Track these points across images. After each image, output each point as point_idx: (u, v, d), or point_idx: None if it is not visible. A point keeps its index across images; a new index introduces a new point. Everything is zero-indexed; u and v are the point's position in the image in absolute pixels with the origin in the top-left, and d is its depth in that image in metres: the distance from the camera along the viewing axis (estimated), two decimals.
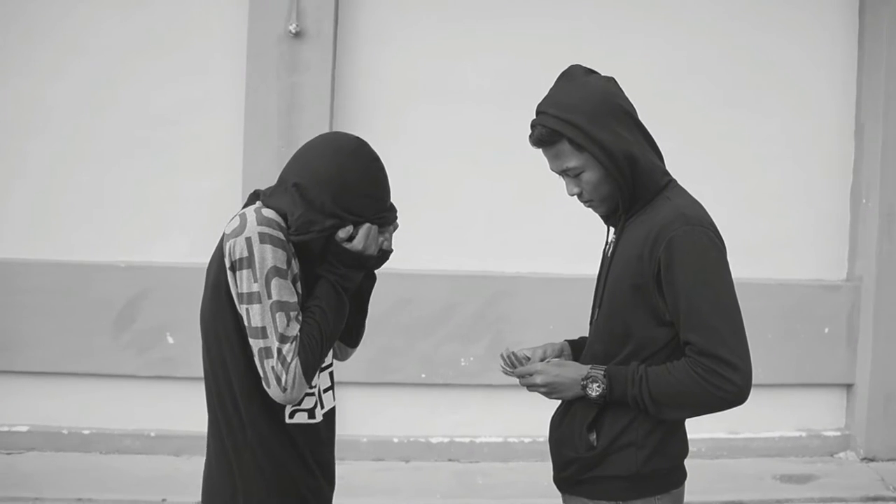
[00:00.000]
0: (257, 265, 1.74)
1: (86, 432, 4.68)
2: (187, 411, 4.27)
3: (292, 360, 1.72)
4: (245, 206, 1.88)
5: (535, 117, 1.88)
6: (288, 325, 1.74)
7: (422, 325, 4.77)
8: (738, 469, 4.74)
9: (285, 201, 1.81)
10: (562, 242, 4.78)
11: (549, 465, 2.00)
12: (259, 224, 1.76)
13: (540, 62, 4.14)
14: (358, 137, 1.91)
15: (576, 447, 1.89)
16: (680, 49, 4.92)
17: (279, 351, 1.72)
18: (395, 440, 4.77)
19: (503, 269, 4.87)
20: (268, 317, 1.73)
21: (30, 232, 4.72)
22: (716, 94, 4.96)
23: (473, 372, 4.75)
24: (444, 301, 4.79)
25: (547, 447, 2.02)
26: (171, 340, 4.60)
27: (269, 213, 1.80)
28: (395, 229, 1.95)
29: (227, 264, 1.78)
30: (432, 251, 4.85)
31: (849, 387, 5.08)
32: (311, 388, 1.86)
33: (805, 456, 4.96)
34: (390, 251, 1.95)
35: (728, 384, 1.77)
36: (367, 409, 4.78)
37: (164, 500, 3.98)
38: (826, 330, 5.00)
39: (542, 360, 1.95)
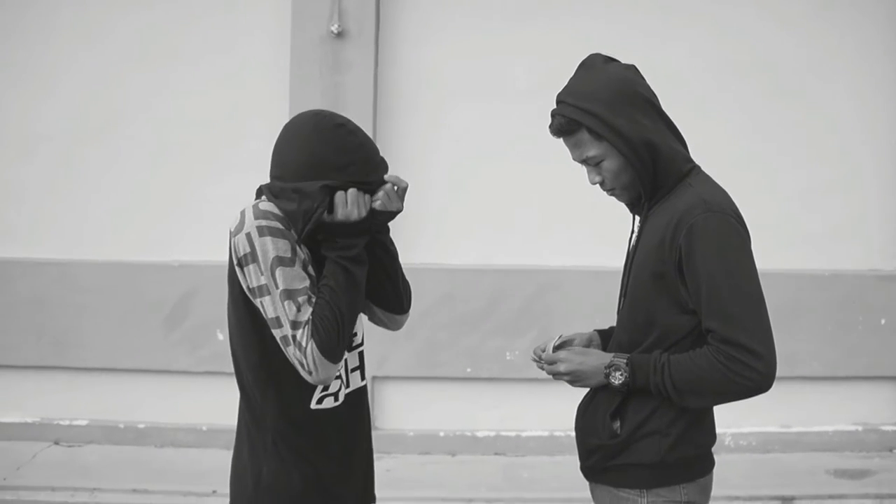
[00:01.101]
0: (260, 258, 1.77)
1: (141, 426, 4.83)
2: (237, 406, 4.38)
3: (307, 343, 1.74)
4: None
5: (554, 107, 1.88)
6: (299, 310, 1.76)
7: (467, 319, 4.79)
8: (791, 463, 4.64)
9: (292, 206, 1.81)
10: (607, 235, 4.73)
11: None
12: (256, 218, 1.79)
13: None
14: (315, 112, 1.88)
15: (599, 435, 1.88)
16: (731, 43, 4.84)
17: (294, 337, 1.75)
18: (441, 434, 4.80)
19: (548, 263, 4.86)
20: (279, 306, 1.76)
21: (85, 234, 4.88)
22: (767, 84, 4.86)
23: (519, 366, 4.75)
24: (490, 295, 4.80)
25: None
26: (220, 337, 4.70)
27: (265, 205, 1.83)
28: (401, 190, 1.89)
29: (234, 261, 1.82)
30: (477, 246, 4.86)
31: None
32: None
33: (861, 451, 4.84)
34: (395, 211, 1.88)
35: (750, 372, 1.74)
36: (413, 403, 4.82)
37: (214, 491, 4.08)
38: (883, 321, 4.86)
39: (566, 348, 1.95)
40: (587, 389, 1.96)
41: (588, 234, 4.82)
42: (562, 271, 4.82)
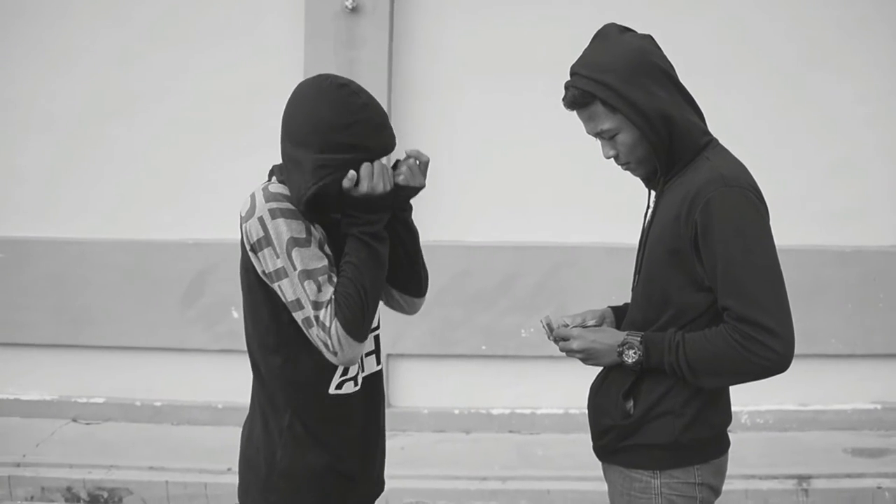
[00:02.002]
0: (275, 241, 1.73)
1: (157, 404, 4.86)
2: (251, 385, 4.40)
3: (331, 323, 1.71)
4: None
5: (568, 79, 1.84)
6: (319, 290, 1.72)
7: (483, 296, 4.77)
8: (808, 442, 4.60)
9: (291, 177, 1.78)
10: (623, 211, 4.67)
11: None
12: (267, 201, 1.76)
13: None
14: (318, 75, 1.84)
15: (612, 415, 1.85)
16: (761, 10, 4.74)
17: (317, 318, 1.71)
18: (456, 412, 4.79)
19: (564, 240, 4.82)
20: (298, 288, 1.72)
21: (102, 212, 4.88)
22: (793, 55, 4.75)
23: (534, 343, 4.72)
24: (506, 272, 4.77)
25: None
26: (235, 315, 4.71)
27: (275, 187, 1.79)
28: (423, 164, 1.86)
29: (248, 247, 1.78)
30: (493, 223, 4.83)
31: None
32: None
33: (880, 429, 4.79)
34: (419, 186, 1.86)
35: (768, 351, 1.70)
36: (427, 380, 4.82)
37: (229, 469, 4.10)
38: None
39: (580, 326, 1.93)
40: (586, 365, 1.93)
41: (604, 210, 4.77)
42: (578, 248, 4.78)
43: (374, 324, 1.94)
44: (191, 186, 4.86)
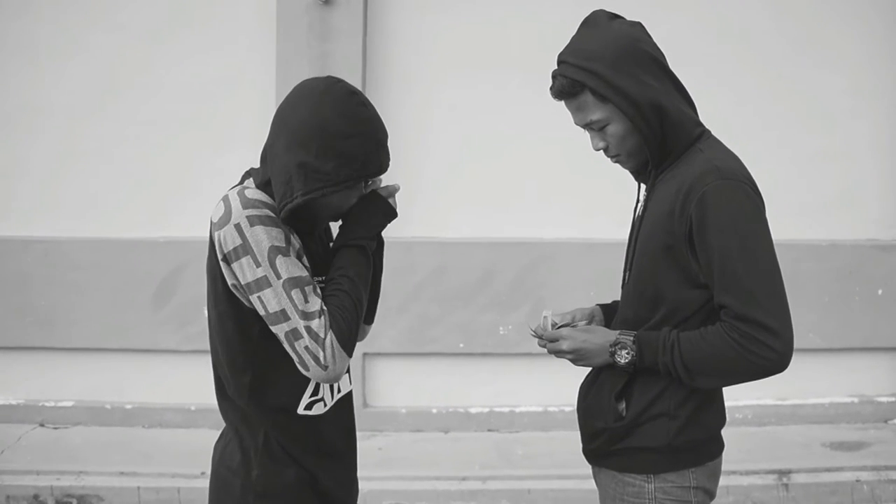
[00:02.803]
0: (255, 250, 1.62)
1: (128, 407, 4.74)
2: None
3: (325, 335, 1.61)
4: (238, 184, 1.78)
5: (555, 67, 1.77)
6: (307, 300, 1.62)
7: (460, 293, 4.71)
8: (786, 436, 4.61)
9: (277, 178, 1.67)
10: (602, 207, 4.66)
11: None
12: (245, 207, 1.64)
13: None
14: (329, 77, 1.74)
15: (604, 417, 1.79)
16: (718, 14, 4.73)
17: (308, 329, 1.61)
18: (434, 411, 4.73)
19: (543, 235, 4.78)
20: (283, 298, 1.61)
21: (70, 211, 4.76)
22: (757, 54, 4.74)
23: (513, 341, 4.68)
24: (483, 269, 4.72)
25: None
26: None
27: (252, 193, 1.68)
28: (395, 190, 1.84)
29: (220, 256, 1.66)
30: (470, 219, 4.77)
31: None
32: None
33: (857, 422, 4.80)
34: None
35: (767, 350, 1.64)
36: (405, 380, 4.75)
37: (203, 472, 4.01)
38: (880, 291, 4.82)
39: (569, 326, 1.86)
40: (577, 366, 1.86)
41: (582, 206, 4.73)
42: (556, 244, 4.74)
43: None
44: (160, 183, 4.75)
